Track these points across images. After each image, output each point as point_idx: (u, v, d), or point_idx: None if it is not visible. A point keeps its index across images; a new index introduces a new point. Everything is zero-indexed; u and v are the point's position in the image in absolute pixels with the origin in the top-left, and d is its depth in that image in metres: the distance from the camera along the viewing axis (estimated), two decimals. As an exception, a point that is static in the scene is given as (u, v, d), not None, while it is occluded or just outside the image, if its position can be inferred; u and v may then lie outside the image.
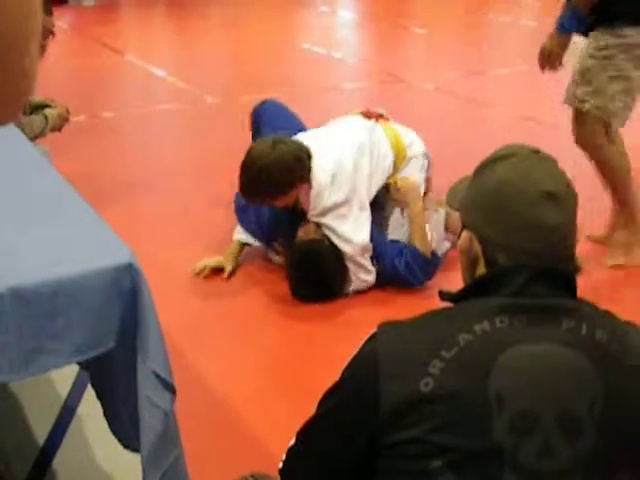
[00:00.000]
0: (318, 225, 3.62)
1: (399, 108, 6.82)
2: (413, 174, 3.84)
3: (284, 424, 1.83)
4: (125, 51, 8.55)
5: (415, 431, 1.31)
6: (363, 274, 3.65)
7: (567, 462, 1.30)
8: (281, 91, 6.62)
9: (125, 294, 1.75)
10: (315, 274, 3.58)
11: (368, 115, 3.98)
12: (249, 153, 3.56)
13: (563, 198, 1.42)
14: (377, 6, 11.64)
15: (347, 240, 3.58)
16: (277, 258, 3.89)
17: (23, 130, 2.88)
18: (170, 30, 10.64)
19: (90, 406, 2.59)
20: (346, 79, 7.82)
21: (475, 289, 1.45)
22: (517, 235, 1.41)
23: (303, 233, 3.63)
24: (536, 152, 1.48)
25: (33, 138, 3.63)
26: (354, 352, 1.44)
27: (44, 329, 1.70)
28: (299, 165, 3.53)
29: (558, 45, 3.65)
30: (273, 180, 3.48)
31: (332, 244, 3.58)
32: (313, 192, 3.57)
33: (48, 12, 3.69)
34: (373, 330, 1.44)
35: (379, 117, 3.98)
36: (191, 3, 11.46)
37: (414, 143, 3.95)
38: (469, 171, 1.55)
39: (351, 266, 3.61)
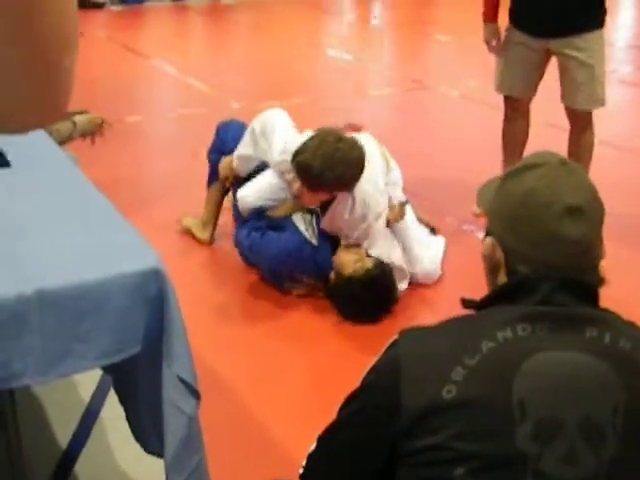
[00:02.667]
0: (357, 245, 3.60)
1: (424, 115, 6.85)
2: (396, 187, 3.82)
3: (306, 429, 1.82)
4: (151, 56, 8.58)
5: (438, 438, 1.31)
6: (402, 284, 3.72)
7: (590, 469, 1.29)
8: (306, 97, 6.64)
9: (151, 299, 1.75)
10: (387, 292, 3.56)
11: (355, 129, 3.97)
12: (323, 138, 3.44)
13: (588, 212, 1.41)
14: (401, 13, 11.62)
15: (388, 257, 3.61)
16: (299, 289, 3.75)
17: (51, 134, 2.89)
18: (196, 35, 10.68)
19: (113, 410, 2.61)
20: (371, 86, 7.81)
21: (498, 297, 1.45)
22: (541, 247, 1.41)
23: (349, 260, 3.55)
24: (565, 163, 1.47)
25: (61, 143, 3.64)
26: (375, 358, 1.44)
27: (70, 332, 1.71)
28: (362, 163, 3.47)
29: None
30: (349, 162, 3.40)
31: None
32: (360, 204, 3.53)
33: None
34: (394, 337, 1.44)
35: (360, 130, 3.97)
36: (217, 8, 11.49)
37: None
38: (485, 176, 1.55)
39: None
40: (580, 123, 4.29)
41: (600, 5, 4.12)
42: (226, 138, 4.09)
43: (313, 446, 1.53)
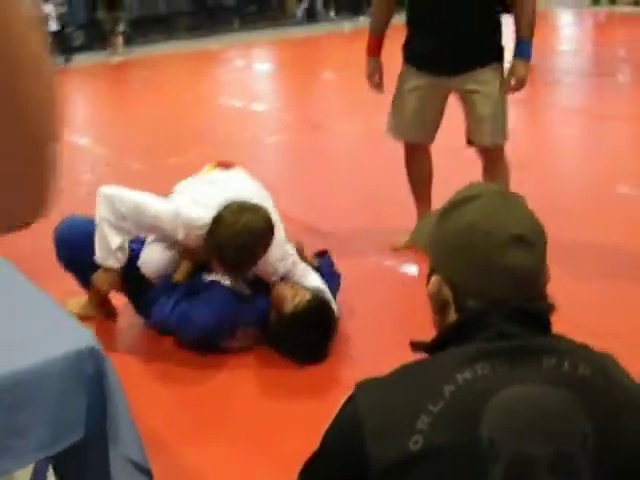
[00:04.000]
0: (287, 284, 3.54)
1: (323, 155, 6.89)
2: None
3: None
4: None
5: None
6: None
7: None
8: (203, 150, 6.58)
9: (90, 379, 1.67)
10: (329, 325, 3.47)
11: (226, 165, 3.85)
12: (222, 223, 3.35)
13: (532, 240, 1.40)
14: (289, 56, 11.75)
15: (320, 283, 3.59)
16: (238, 344, 3.58)
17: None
18: (88, 99, 10.55)
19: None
20: (267, 131, 7.82)
21: (450, 336, 1.42)
22: (487, 280, 1.39)
23: (286, 295, 3.47)
24: (501, 193, 1.47)
25: None
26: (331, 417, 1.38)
27: (5, 427, 1.60)
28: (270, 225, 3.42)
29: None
30: (262, 238, 3.34)
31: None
32: (277, 250, 3.47)
33: None
34: (350, 391, 1.38)
35: (231, 166, 3.87)
36: (105, 70, 11.39)
37: None
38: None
39: None
40: (493, 158, 4.15)
41: (498, 39, 4.03)
42: (71, 237, 3.67)
43: None
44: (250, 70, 11.41)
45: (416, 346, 1.48)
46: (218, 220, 3.36)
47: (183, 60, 11.48)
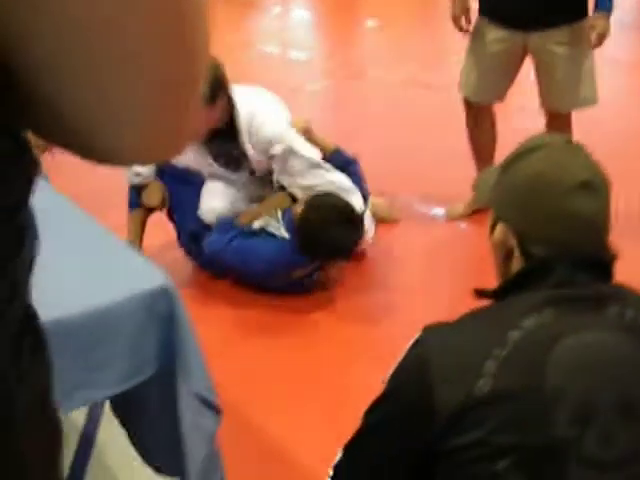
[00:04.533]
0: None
1: (364, 103, 6.84)
2: None
3: (324, 446, 1.79)
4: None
5: (476, 434, 1.30)
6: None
7: (630, 448, 1.30)
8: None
9: (163, 318, 1.72)
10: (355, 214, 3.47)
11: None
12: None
13: (598, 187, 1.43)
14: (330, 2, 11.59)
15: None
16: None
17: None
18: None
19: (109, 433, 2.55)
20: (308, 78, 7.78)
21: (516, 283, 1.45)
22: (554, 226, 1.41)
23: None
24: (568, 142, 1.49)
25: None
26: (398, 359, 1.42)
27: (84, 361, 1.67)
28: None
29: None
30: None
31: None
32: (274, 121, 3.49)
33: None
34: (417, 335, 1.42)
35: None
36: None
37: None
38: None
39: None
40: (558, 125, 3.85)
41: None
42: None
43: (339, 456, 1.49)
44: (289, 17, 11.30)
45: (481, 293, 1.51)
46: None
47: (220, 5, 11.39)
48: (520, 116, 5.12)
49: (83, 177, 4.66)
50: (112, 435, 2.21)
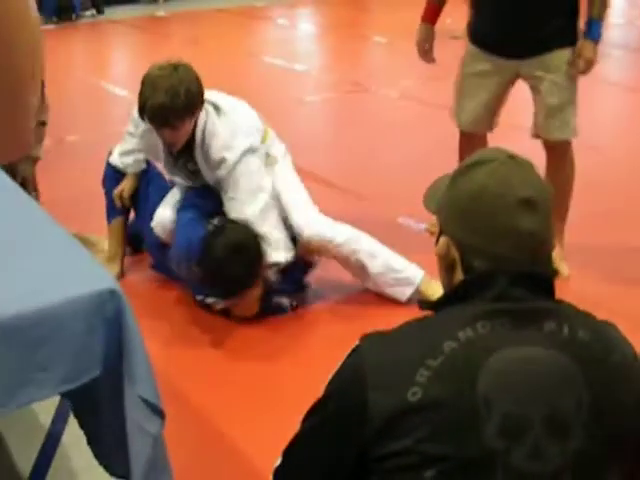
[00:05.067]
0: None
1: (365, 116, 6.87)
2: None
3: (271, 441, 1.81)
4: (88, 73, 8.49)
5: (406, 442, 1.31)
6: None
7: (557, 463, 1.31)
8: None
9: (109, 320, 1.74)
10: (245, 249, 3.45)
11: None
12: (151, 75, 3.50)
13: (539, 203, 1.43)
14: (335, 17, 11.65)
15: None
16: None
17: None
18: (130, 50, 10.58)
19: (74, 434, 2.56)
20: (310, 91, 7.81)
21: (455, 295, 1.46)
22: (495, 241, 1.42)
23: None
24: (512, 157, 1.49)
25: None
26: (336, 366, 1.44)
27: (29, 360, 1.68)
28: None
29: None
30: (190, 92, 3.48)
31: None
32: (226, 131, 3.55)
33: None
34: (355, 343, 1.44)
35: None
36: (151, 24, 11.40)
37: None
38: (435, 175, 1.57)
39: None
40: (557, 154, 3.83)
41: (573, 17, 3.67)
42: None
43: (279, 461, 1.51)
44: (294, 29, 11.34)
45: (424, 305, 1.53)
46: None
47: (227, 15, 11.45)
48: (515, 135, 5.12)
49: (68, 183, 4.72)
50: (77, 437, 2.22)
